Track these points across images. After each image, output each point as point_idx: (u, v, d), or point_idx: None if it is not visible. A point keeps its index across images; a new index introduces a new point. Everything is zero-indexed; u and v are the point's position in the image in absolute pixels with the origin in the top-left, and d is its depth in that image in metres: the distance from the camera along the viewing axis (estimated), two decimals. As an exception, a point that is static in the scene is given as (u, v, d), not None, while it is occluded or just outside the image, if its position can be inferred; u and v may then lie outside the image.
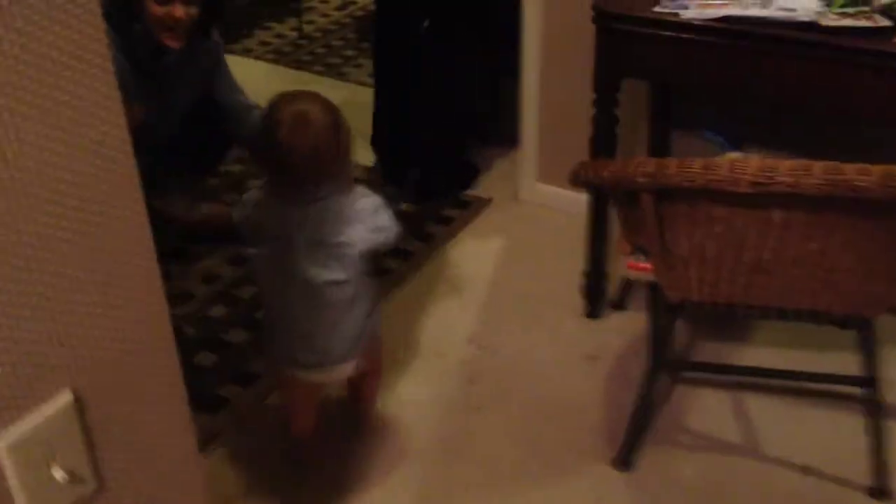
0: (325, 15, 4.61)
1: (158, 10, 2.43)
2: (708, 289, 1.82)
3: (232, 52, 4.16)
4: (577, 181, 1.77)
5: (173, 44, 2.48)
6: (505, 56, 3.03)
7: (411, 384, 2.31)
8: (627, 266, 1.90)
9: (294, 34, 4.37)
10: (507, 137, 3.16)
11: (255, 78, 3.95)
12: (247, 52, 4.19)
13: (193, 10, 2.48)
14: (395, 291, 2.63)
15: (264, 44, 4.28)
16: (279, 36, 4.37)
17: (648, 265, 1.83)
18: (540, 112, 2.90)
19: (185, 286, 2.66)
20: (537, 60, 2.81)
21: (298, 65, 4.06)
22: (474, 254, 2.82)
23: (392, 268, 2.72)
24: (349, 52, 4.17)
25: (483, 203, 3.04)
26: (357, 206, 1.86)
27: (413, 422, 2.21)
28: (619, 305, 2.54)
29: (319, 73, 3.97)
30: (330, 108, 1.79)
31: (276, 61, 4.11)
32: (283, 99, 1.78)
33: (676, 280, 1.81)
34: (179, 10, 2.43)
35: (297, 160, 1.73)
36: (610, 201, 2.22)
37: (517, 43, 2.84)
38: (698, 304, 1.87)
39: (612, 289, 2.54)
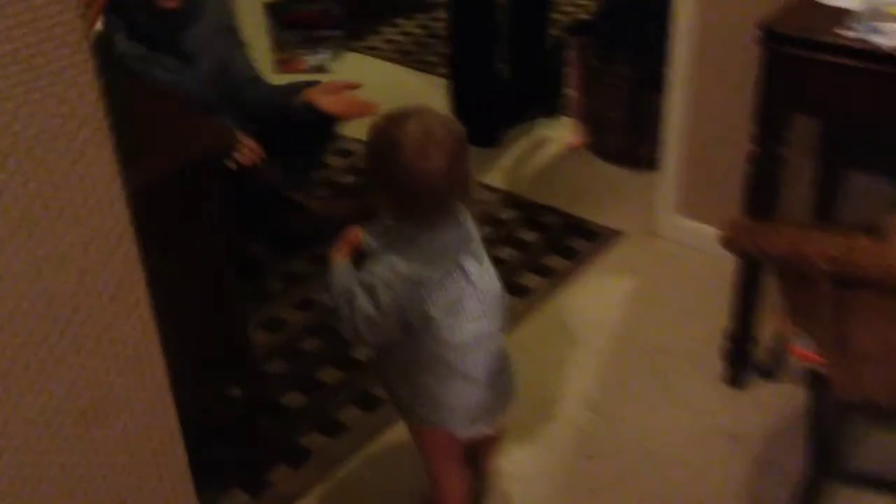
0: (438, 19, 4.32)
1: None
2: (893, 391, 1.45)
3: (355, 49, 3.95)
4: (732, 249, 1.43)
5: (165, 3, 2.29)
6: (648, 64, 2.70)
7: (516, 452, 2.01)
8: (794, 353, 1.55)
9: (421, 32, 4.11)
10: (646, 159, 2.81)
11: (376, 78, 3.71)
12: (370, 50, 3.95)
13: None
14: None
15: (390, 42, 4.04)
16: (406, 34, 4.12)
17: (819, 357, 1.47)
18: (686, 135, 2.54)
19: (279, 312, 2.44)
20: (687, 74, 2.45)
21: (422, 66, 3.80)
22: (600, 295, 2.49)
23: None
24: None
25: (614, 235, 2.70)
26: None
27: (518, 497, 1.92)
28: (767, 374, 2.17)
29: (444, 76, 3.69)
30: (448, 120, 1.54)
31: (399, 61, 3.86)
32: (395, 119, 1.51)
33: (853, 378, 1.45)
34: None
35: (432, 183, 1.47)
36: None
37: (663, 51, 2.49)
38: (876, 406, 1.50)
39: (760, 351, 2.17)
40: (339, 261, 1.60)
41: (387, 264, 1.52)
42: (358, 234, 1.62)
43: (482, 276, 1.59)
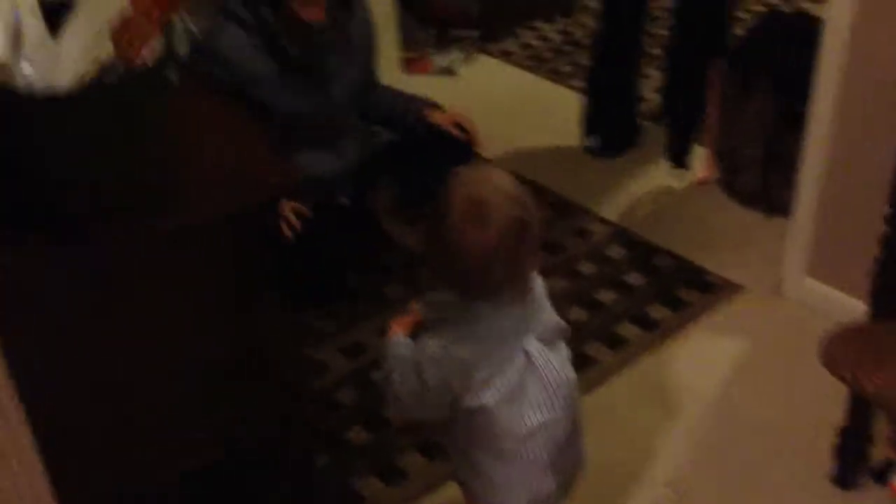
0: (584, 25, 4.08)
1: None
2: None
3: (488, 52, 3.79)
4: (832, 372, 1.21)
5: (308, 15, 2.15)
6: (792, 99, 2.43)
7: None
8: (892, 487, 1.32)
9: (560, 38, 3.91)
10: (781, 203, 2.53)
11: (504, 86, 3.57)
12: (504, 55, 3.78)
13: None
14: (592, 387, 2.14)
15: (526, 47, 3.86)
16: (544, 38, 3.92)
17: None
18: (823, 185, 2.25)
19: (362, 337, 2.34)
20: (829, 116, 2.17)
21: (556, 76, 3.60)
22: (704, 357, 2.26)
23: (593, 356, 2.24)
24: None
25: (732, 289, 2.45)
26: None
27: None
28: (882, 477, 1.89)
29: (576, 89, 3.49)
30: (512, 190, 1.34)
31: (532, 69, 3.67)
32: (454, 181, 1.36)
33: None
34: None
35: (479, 260, 1.31)
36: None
37: (806, 88, 2.21)
38: None
39: (877, 451, 1.90)
40: (397, 334, 1.47)
41: (439, 341, 1.38)
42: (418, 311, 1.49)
43: (550, 361, 1.41)
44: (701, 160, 2.90)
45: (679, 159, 2.93)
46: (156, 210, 1.37)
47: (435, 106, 2.49)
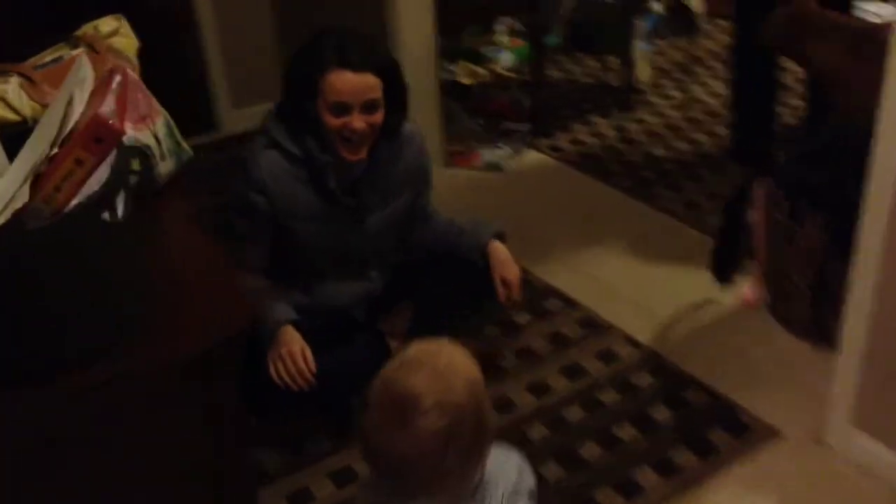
0: (660, 114, 3.91)
1: (334, 121, 2.00)
2: None
3: (537, 147, 3.65)
4: None
5: (350, 157, 2.04)
6: (845, 225, 2.19)
7: None
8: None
9: (614, 135, 3.74)
10: (832, 336, 2.27)
11: (550, 185, 3.41)
12: (553, 151, 3.63)
13: (377, 118, 2.03)
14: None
15: (576, 143, 3.70)
16: (597, 135, 3.76)
17: None
18: (871, 324, 2.00)
19: (306, 481, 2.13)
20: (879, 247, 1.93)
21: (603, 176, 3.42)
22: (730, 514, 2.01)
23: (601, 502, 2.02)
24: (671, 168, 3.46)
25: (768, 434, 2.19)
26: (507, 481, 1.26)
27: None
28: None
29: (628, 192, 3.31)
30: (456, 393, 1.14)
31: (582, 167, 3.50)
32: (403, 359, 1.18)
33: None
34: (359, 122, 2.00)
35: (382, 466, 1.14)
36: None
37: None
38: None
39: None
40: None
41: None
42: None
43: None
44: (749, 279, 2.67)
45: (724, 275, 2.70)
46: (87, 359, 1.24)
47: (500, 236, 2.31)
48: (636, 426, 2.23)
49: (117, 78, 1.50)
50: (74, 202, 1.19)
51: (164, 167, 1.73)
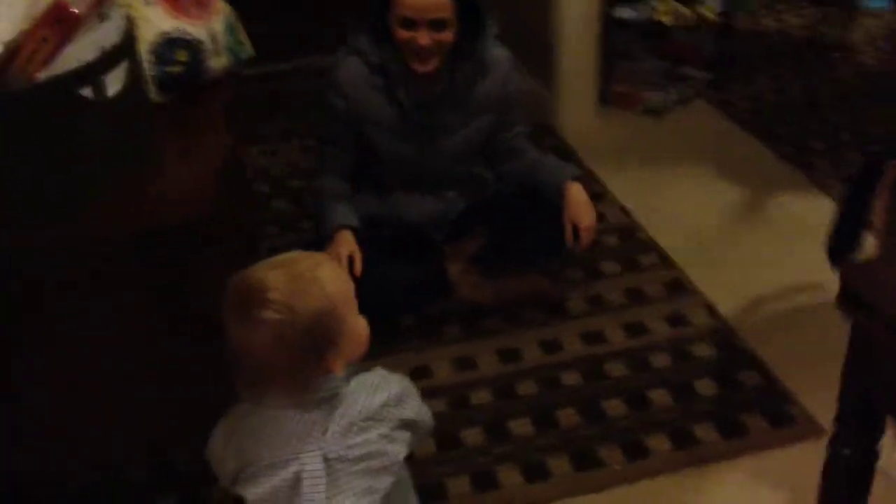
0: (836, 80, 3.52)
1: (403, 34, 2.09)
2: None
3: (708, 98, 3.45)
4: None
5: (418, 68, 2.12)
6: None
7: None
8: None
9: (800, 97, 3.44)
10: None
11: (704, 139, 3.24)
12: (722, 105, 3.41)
13: (445, 36, 2.09)
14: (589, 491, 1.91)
15: (752, 99, 3.45)
16: (779, 92, 3.48)
17: None
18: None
19: None
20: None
21: (768, 138, 3.18)
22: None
23: (604, 458, 1.98)
24: (846, 140, 3.14)
25: (811, 431, 2.01)
26: (369, 404, 1.27)
27: None
28: None
29: (786, 159, 3.07)
30: (311, 296, 1.18)
31: (745, 124, 3.27)
32: (272, 260, 1.23)
33: None
34: (424, 38, 2.07)
35: (230, 351, 1.21)
36: None
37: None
38: None
39: None
40: None
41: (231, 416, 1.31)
42: None
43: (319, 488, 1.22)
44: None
45: (838, 256, 2.46)
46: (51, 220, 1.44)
47: (578, 179, 2.31)
48: (673, 394, 2.15)
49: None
50: (43, 76, 1.36)
51: (217, 62, 1.88)
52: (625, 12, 3.99)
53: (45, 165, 1.44)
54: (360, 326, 1.26)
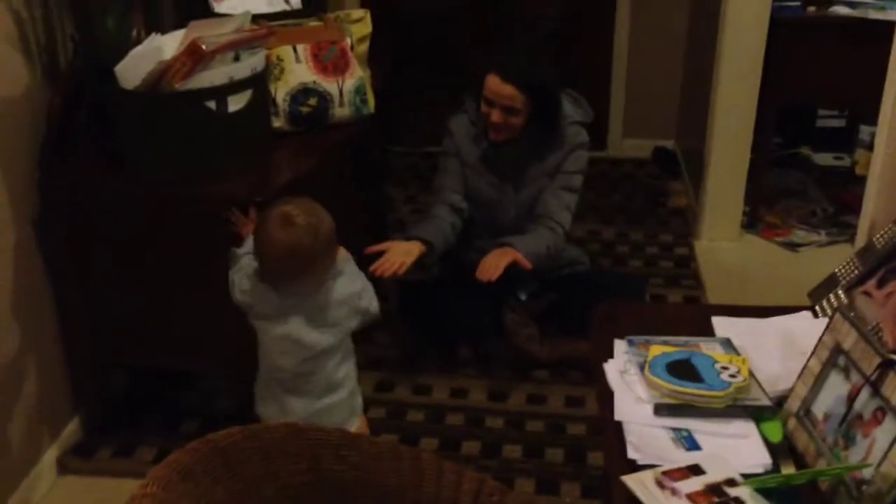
0: None
1: (484, 108, 2.66)
2: None
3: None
4: None
5: (492, 136, 2.69)
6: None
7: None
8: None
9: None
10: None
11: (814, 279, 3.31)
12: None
13: (513, 120, 2.63)
14: None
15: None
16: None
17: None
18: None
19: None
20: None
21: None
22: None
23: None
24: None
25: None
26: (342, 292, 1.95)
27: None
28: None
29: None
30: (315, 214, 1.86)
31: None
32: (282, 200, 1.90)
33: None
34: (496, 116, 2.63)
35: (273, 257, 1.86)
36: None
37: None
38: None
39: None
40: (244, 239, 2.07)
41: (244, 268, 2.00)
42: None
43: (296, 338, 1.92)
44: None
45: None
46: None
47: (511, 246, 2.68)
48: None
49: (331, 47, 2.49)
50: (180, 88, 2.08)
51: (340, 112, 2.55)
52: (827, 159, 4.18)
53: (182, 147, 2.18)
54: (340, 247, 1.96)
